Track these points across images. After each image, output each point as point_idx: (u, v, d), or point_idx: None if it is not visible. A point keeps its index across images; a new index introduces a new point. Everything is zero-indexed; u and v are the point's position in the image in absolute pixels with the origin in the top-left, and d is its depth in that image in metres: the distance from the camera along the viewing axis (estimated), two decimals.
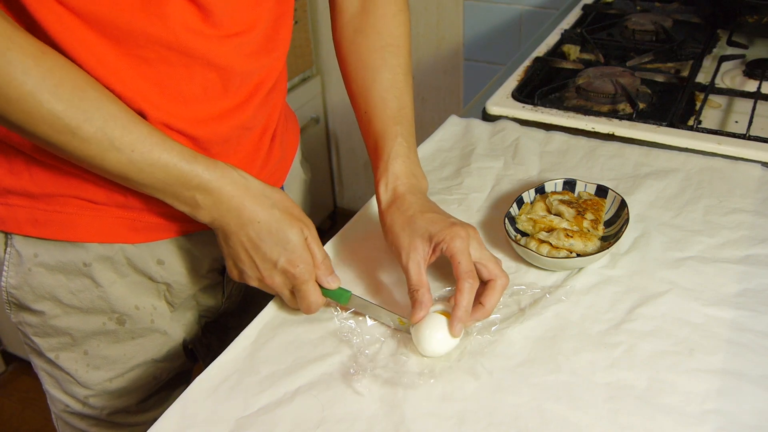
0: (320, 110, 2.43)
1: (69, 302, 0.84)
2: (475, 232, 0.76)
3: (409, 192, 0.81)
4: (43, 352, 0.89)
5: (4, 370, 2.15)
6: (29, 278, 0.82)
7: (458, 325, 0.72)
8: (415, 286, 0.74)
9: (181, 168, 0.70)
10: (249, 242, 0.74)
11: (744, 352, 0.72)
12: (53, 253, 0.81)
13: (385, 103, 0.86)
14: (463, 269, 0.72)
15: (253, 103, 0.82)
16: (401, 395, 0.69)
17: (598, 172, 1.01)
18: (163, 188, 0.71)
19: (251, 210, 0.73)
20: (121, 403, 0.93)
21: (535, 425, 0.66)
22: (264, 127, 0.87)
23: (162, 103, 0.73)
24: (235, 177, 0.73)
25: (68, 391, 0.91)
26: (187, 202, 0.72)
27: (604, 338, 0.74)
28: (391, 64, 0.87)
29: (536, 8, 1.95)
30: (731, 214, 0.91)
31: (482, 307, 0.74)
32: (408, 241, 0.76)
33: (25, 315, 0.86)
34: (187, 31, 0.70)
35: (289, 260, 0.74)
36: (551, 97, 1.20)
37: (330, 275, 0.78)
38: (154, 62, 0.71)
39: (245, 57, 0.77)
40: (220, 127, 0.79)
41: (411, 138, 0.86)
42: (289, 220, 0.74)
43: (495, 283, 0.74)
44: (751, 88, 1.17)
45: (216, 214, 0.73)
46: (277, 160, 0.92)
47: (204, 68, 0.74)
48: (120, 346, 0.89)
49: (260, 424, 0.68)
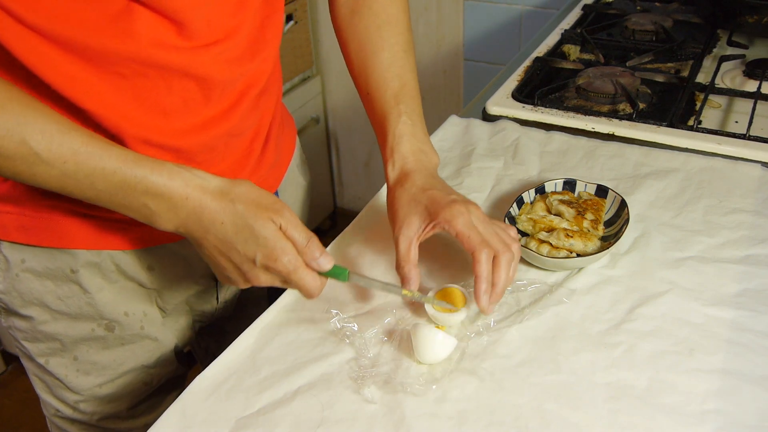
0: (320, 110, 2.43)
1: (57, 308, 0.83)
2: (477, 207, 0.75)
3: (416, 170, 0.81)
4: (33, 357, 0.88)
5: (4, 370, 2.15)
6: (17, 284, 0.81)
7: (484, 297, 0.72)
8: (401, 262, 0.75)
9: (123, 174, 0.65)
10: (220, 245, 0.69)
11: (744, 352, 0.72)
12: (41, 259, 0.80)
13: (387, 83, 0.85)
14: (474, 242, 0.72)
15: (240, 110, 0.80)
16: (401, 395, 0.69)
17: (598, 172, 1.01)
18: (109, 198, 0.66)
19: (211, 210, 0.67)
20: (111, 408, 0.93)
21: (536, 425, 0.66)
22: (255, 132, 0.85)
23: (141, 118, 0.71)
24: (187, 177, 0.67)
25: (58, 395, 0.91)
26: (140, 210, 0.67)
27: (604, 338, 0.74)
28: (390, 43, 0.86)
29: (536, 8, 1.95)
30: (731, 214, 0.91)
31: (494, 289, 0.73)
32: (403, 217, 0.77)
33: (14, 320, 0.86)
34: (159, 46, 0.68)
35: (267, 255, 0.68)
36: (551, 97, 1.20)
37: (320, 257, 0.70)
38: (130, 77, 0.69)
39: (226, 64, 0.75)
40: (204, 137, 0.77)
41: (416, 115, 0.85)
42: (255, 213, 0.67)
43: (498, 260, 0.72)
44: (751, 88, 1.17)
45: (176, 220, 0.68)
46: (270, 165, 0.90)
47: (182, 80, 0.72)
48: (109, 353, 0.88)
49: (260, 425, 0.68)
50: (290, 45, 2.18)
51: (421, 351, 0.71)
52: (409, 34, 0.89)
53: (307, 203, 1.08)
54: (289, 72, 2.22)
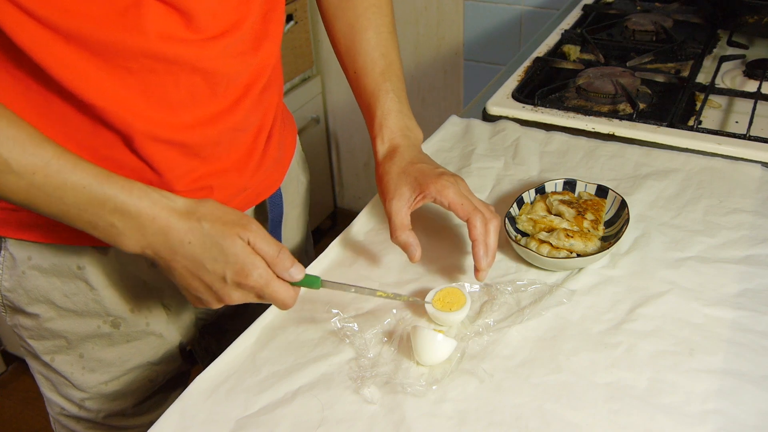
0: (320, 110, 2.43)
1: (63, 305, 0.83)
2: (463, 181, 0.81)
3: (404, 146, 0.86)
4: (38, 355, 0.88)
5: (5, 370, 2.15)
6: (23, 281, 0.82)
7: (484, 260, 0.76)
8: (397, 231, 0.79)
9: (93, 190, 0.64)
10: (190, 265, 0.68)
11: (744, 352, 0.72)
12: (47, 256, 0.80)
13: (374, 62, 0.89)
14: (467, 208, 0.77)
15: (245, 104, 0.81)
16: (401, 396, 0.69)
17: (599, 172, 1.01)
18: (78, 214, 0.65)
19: (178, 230, 0.66)
20: (117, 406, 0.93)
21: (536, 425, 0.66)
22: (259, 127, 0.86)
23: (148, 113, 0.72)
24: (156, 197, 0.67)
25: (64, 393, 0.91)
26: (107, 230, 0.66)
27: (604, 338, 0.74)
28: (376, 24, 0.90)
29: (536, 8, 1.95)
30: (731, 215, 0.91)
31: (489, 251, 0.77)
32: (394, 188, 0.81)
33: (20, 318, 0.86)
34: (167, 39, 0.69)
35: (237, 272, 0.67)
36: (551, 97, 1.20)
37: (291, 267, 0.70)
38: (138, 72, 0.69)
39: (231, 58, 0.76)
40: (210, 131, 0.78)
41: (402, 93, 0.89)
42: (222, 230, 0.67)
43: (488, 226, 0.77)
44: (752, 88, 1.17)
45: (143, 241, 0.67)
46: (273, 161, 0.91)
47: (189, 74, 0.72)
48: (115, 349, 0.89)
49: (260, 425, 0.68)
50: (290, 45, 2.18)
51: (421, 353, 0.71)
52: (393, 17, 0.93)
53: (307, 201, 1.08)
54: (289, 72, 2.22)
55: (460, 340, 0.74)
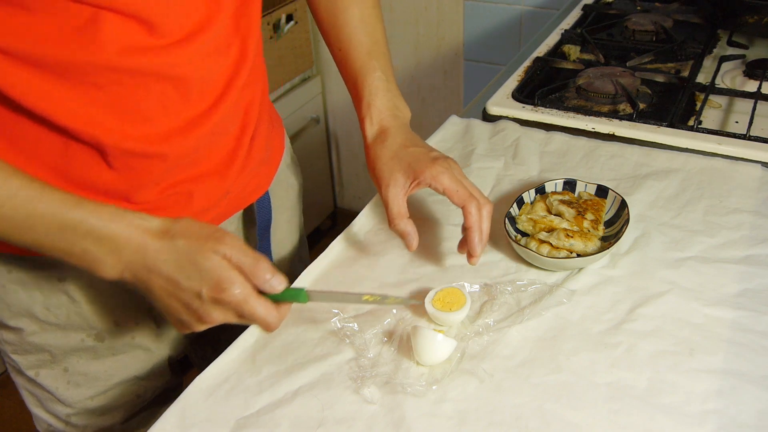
0: (320, 110, 2.43)
1: (45, 318, 0.82)
2: (456, 163, 0.80)
3: (394, 126, 0.84)
4: (23, 371, 0.87)
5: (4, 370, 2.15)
6: (4, 295, 0.80)
7: (479, 246, 0.77)
8: (395, 219, 0.79)
9: (62, 216, 0.63)
10: (167, 284, 0.66)
11: (744, 352, 0.72)
12: (27, 268, 0.78)
13: (360, 39, 0.87)
14: (463, 195, 0.77)
15: (223, 107, 0.77)
16: (401, 396, 0.69)
17: (598, 172, 1.01)
18: (51, 243, 0.64)
19: (154, 249, 0.65)
20: (104, 421, 0.91)
21: (536, 425, 0.66)
22: (241, 128, 0.83)
23: (121, 128, 0.69)
24: (129, 218, 0.65)
25: (50, 409, 0.89)
26: (82, 256, 0.65)
27: (604, 338, 0.74)
28: (359, 1, 0.88)
29: (536, 8, 1.95)
30: (731, 214, 0.91)
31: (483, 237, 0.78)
32: (389, 175, 0.80)
33: (3, 332, 0.84)
34: (129, 50, 0.66)
35: (212, 287, 0.64)
36: (551, 97, 1.20)
37: (271, 278, 0.66)
38: (105, 87, 0.67)
39: (202, 60, 0.72)
40: (187, 139, 0.75)
41: (388, 70, 0.88)
42: (196, 245, 0.65)
43: (482, 212, 0.78)
44: (752, 88, 1.17)
45: (119, 265, 0.65)
46: (258, 162, 0.88)
47: (158, 83, 0.70)
48: (100, 363, 0.86)
49: (260, 425, 0.68)
50: (290, 45, 2.18)
51: (421, 353, 0.71)
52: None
53: (298, 206, 1.06)
54: (289, 72, 2.22)
55: (460, 340, 0.74)
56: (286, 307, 0.69)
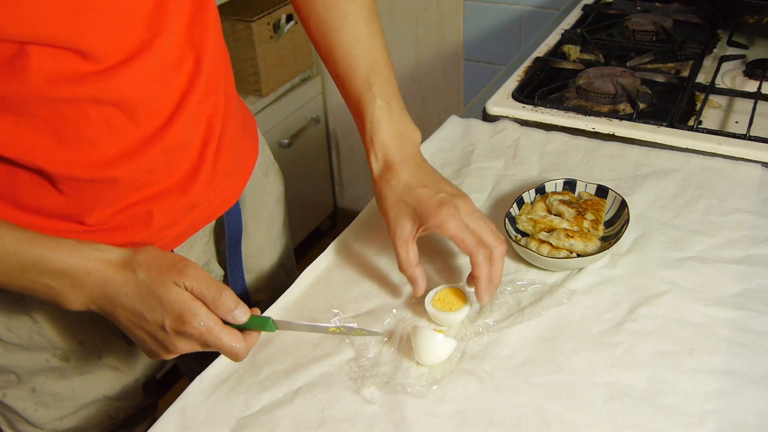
0: (320, 110, 2.43)
1: (8, 339, 0.79)
2: (465, 201, 0.76)
3: (398, 162, 0.79)
4: None
5: None
6: None
7: (486, 296, 0.75)
8: (404, 265, 0.77)
9: (19, 255, 0.62)
10: (131, 316, 0.66)
11: (744, 352, 0.72)
12: None
13: (356, 64, 0.81)
14: (469, 245, 0.73)
15: (178, 123, 0.73)
16: (401, 396, 0.69)
17: (598, 172, 1.01)
18: (12, 282, 0.64)
19: (115, 282, 0.64)
20: None
21: (536, 425, 0.66)
22: (203, 140, 0.78)
23: (64, 154, 0.67)
24: (87, 251, 0.64)
25: (20, 431, 0.87)
26: (45, 292, 0.64)
27: (604, 338, 0.74)
28: (351, 18, 0.81)
29: (536, 8, 1.95)
30: (731, 214, 0.91)
31: (492, 284, 0.75)
32: (395, 219, 0.77)
33: None
34: (61, 78, 0.63)
35: (174, 319, 0.64)
36: (551, 97, 1.20)
37: (235, 309, 0.65)
38: (42, 116, 0.64)
39: (147, 80, 0.68)
40: (137, 162, 0.71)
41: (390, 94, 0.81)
42: (158, 278, 0.64)
43: (494, 255, 0.74)
44: (752, 88, 1.17)
45: (83, 297, 0.65)
46: (226, 173, 0.83)
47: (98, 107, 0.66)
48: (67, 383, 0.84)
49: (260, 425, 0.68)
50: (290, 45, 2.18)
51: (421, 353, 0.71)
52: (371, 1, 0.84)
53: (279, 214, 1.01)
54: (289, 72, 2.22)
55: (460, 340, 0.74)
56: (254, 335, 0.68)
